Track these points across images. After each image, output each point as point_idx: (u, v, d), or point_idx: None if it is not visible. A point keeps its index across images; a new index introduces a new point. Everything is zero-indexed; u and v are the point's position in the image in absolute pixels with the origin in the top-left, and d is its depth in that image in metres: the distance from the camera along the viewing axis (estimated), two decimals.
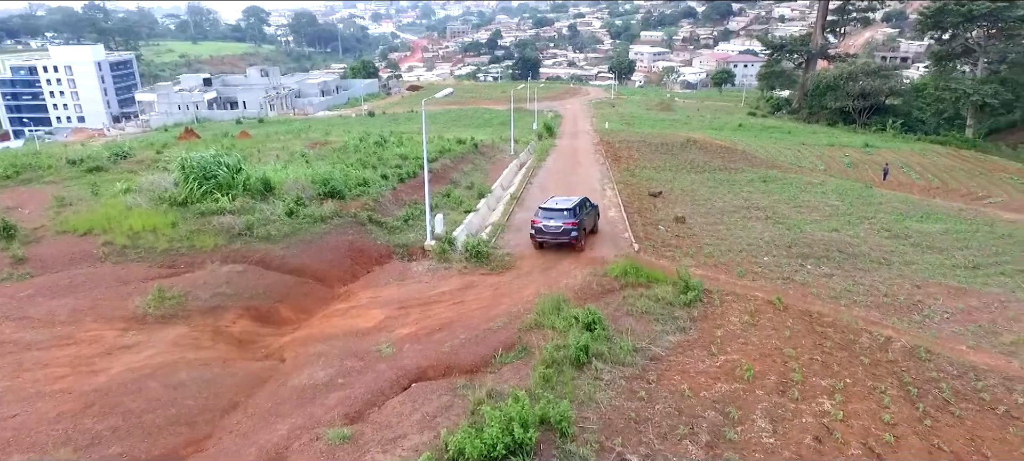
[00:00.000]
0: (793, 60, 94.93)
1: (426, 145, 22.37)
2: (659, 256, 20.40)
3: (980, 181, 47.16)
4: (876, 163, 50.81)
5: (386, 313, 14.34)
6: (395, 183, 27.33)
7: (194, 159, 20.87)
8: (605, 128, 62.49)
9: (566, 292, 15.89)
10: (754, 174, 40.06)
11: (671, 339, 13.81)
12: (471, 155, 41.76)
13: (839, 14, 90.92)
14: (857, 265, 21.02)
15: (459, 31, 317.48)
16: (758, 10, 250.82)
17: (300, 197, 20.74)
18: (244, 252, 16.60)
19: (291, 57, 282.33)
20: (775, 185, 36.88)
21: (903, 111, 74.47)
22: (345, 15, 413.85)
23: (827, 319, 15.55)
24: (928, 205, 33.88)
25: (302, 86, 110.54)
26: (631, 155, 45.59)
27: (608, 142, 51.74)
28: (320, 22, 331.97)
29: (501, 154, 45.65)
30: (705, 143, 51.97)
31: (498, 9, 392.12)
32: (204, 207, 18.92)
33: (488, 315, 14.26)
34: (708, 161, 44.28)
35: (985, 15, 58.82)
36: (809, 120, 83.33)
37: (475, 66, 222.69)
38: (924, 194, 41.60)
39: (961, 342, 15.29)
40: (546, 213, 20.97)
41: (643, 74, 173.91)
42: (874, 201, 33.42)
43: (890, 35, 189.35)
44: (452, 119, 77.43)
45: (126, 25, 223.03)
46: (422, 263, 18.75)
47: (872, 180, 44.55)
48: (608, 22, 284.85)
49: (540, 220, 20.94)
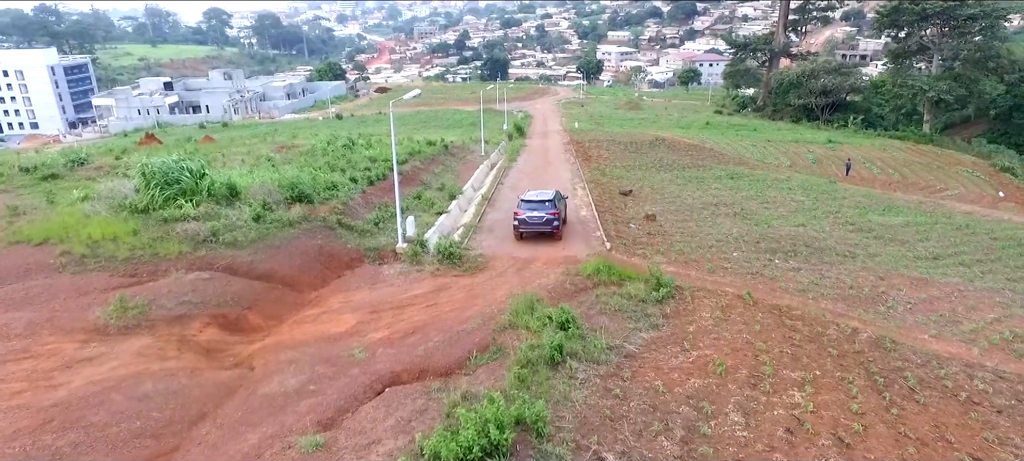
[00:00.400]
0: (757, 59, 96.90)
1: (395, 147, 22.13)
2: (631, 254, 20.54)
3: (937, 174, 48.75)
4: (839, 159, 52.11)
5: (358, 317, 14.09)
6: (364, 186, 26.99)
7: (156, 164, 20.24)
8: (575, 128, 62.84)
9: (540, 292, 15.87)
10: (722, 171, 40.70)
11: (644, 336, 13.90)
12: (441, 156, 41.54)
13: (800, 13, 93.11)
14: (823, 259, 21.48)
15: (427, 32, 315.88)
16: (722, 10, 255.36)
17: (267, 202, 20.29)
18: (210, 259, 16.10)
19: (255, 60, 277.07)
20: (743, 181, 37.52)
21: (863, 107, 76.58)
22: (310, 17, 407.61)
23: (796, 313, 15.84)
24: (889, 199, 34.86)
25: (267, 89, 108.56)
26: (601, 154, 45.91)
27: (578, 141, 52.00)
28: (284, 24, 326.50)
29: (472, 155, 45.53)
30: (673, 141, 52.63)
31: (466, 10, 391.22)
32: (167, 214, 18.32)
33: (461, 317, 14.15)
34: (677, 159, 44.83)
35: (938, 13, 60.86)
36: (774, 117, 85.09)
37: (444, 67, 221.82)
38: (885, 188, 42.84)
39: (924, 331, 15.73)
40: (529, 205, 22.15)
41: (611, 74, 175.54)
42: (838, 196, 34.24)
43: (849, 33, 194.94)
44: (422, 121, 77.01)
45: (80, 28, 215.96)
46: (394, 266, 18.51)
47: (835, 175, 45.68)
48: (575, 22, 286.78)
49: (523, 212, 22.00)
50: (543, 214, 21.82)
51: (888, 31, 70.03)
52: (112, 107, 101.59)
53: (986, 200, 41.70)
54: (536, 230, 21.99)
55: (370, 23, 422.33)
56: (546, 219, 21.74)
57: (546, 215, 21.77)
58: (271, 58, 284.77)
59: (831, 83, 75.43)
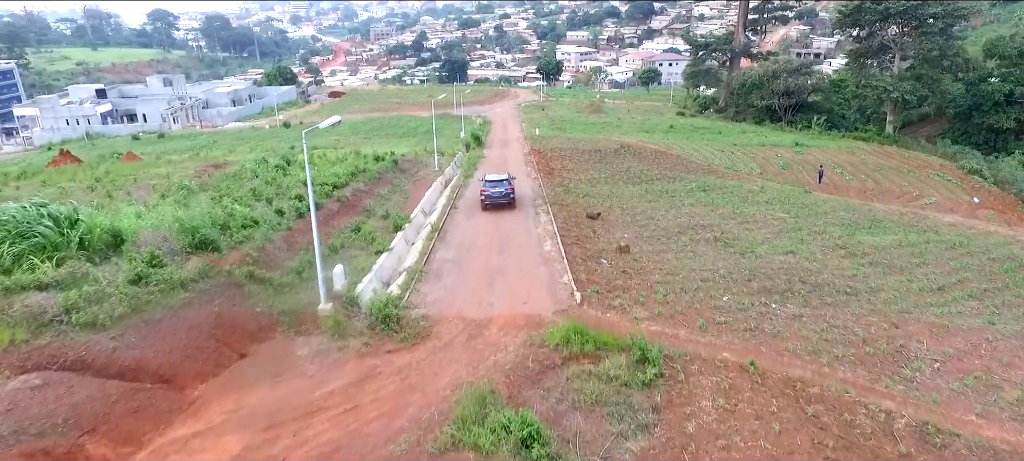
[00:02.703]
0: (717, 59, 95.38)
1: (311, 190, 18.17)
2: (606, 305, 17.20)
3: (910, 179, 47.13)
4: (809, 164, 50.16)
5: (245, 440, 10.20)
6: (292, 221, 22.92)
7: (7, 212, 15.98)
8: (536, 134, 59.53)
9: (495, 376, 12.38)
10: (693, 182, 37.94)
11: (632, 446, 10.54)
12: (390, 174, 37.54)
13: (759, 13, 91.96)
14: (824, 298, 18.59)
15: (383, 33, 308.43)
16: (679, 9, 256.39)
17: (156, 254, 16.18)
18: (53, 350, 11.79)
19: (204, 63, 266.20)
20: (716, 194, 34.79)
21: (825, 108, 75.37)
22: (262, 18, 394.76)
23: (813, 390, 12.74)
24: (871, 212, 32.55)
25: (210, 96, 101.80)
26: (564, 166, 42.70)
27: (539, 151, 48.74)
28: (235, 26, 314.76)
29: (425, 169, 41.65)
30: (639, 148, 49.85)
31: (423, 10, 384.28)
32: (11, 281, 14.06)
33: (389, 430, 10.53)
34: (645, 169, 41.95)
35: (901, 13, 59.71)
36: (736, 119, 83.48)
37: (401, 69, 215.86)
38: (862, 197, 40.81)
39: (966, 408, 12.83)
40: (491, 184, 29.85)
41: (571, 74, 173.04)
42: (819, 210, 31.76)
43: (803, 32, 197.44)
44: (374, 129, 72.60)
45: (10, 30, 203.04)
46: (311, 341, 14.59)
47: (809, 183, 43.50)
48: (534, 23, 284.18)
49: (487, 189, 29.71)
50: (502, 190, 29.65)
51: (848, 30, 68.78)
52: (37, 117, 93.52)
53: (964, 208, 40.04)
54: (498, 202, 29.58)
55: (325, 24, 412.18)
56: (504, 193, 29.62)
57: (504, 190, 29.69)
58: (221, 61, 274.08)
59: (793, 84, 74.03)
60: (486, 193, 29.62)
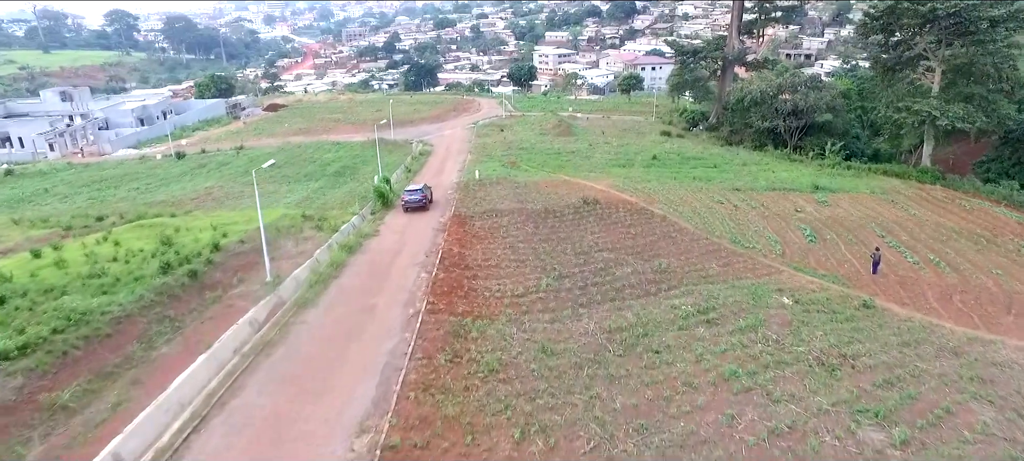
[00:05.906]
0: (707, 67, 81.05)
1: None
2: None
3: (990, 253, 32.95)
4: (843, 225, 35.98)
5: None
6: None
7: None
8: (476, 178, 44.86)
9: None
10: (689, 303, 23.45)
11: None
12: (164, 305, 21.83)
13: (758, 13, 77.56)
14: None
15: (356, 34, 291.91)
16: (662, 8, 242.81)
17: None
18: None
19: (165, 66, 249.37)
20: (723, 332, 20.43)
21: (838, 129, 61.36)
22: (233, 18, 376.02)
23: None
24: (990, 354, 18.23)
25: (111, 114, 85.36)
26: (487, 255, 28.11)
27: (464, 218, 34.12)
28: (199, 26, 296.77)
29: (252, 277, 25.64)
30: (609, 206, 35.47)
31: (401, 10, 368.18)
32: None
33: None
34: (613, 261, 27.47)
35: (951, 15, 45.62)
36: (731, 140, 69.38)
37: (370, 73, 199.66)
38: (942, 300, 26.49)
39: None
40: (409, 193, 36.02)
41: (549, 78, 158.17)
42: (915, 371, 17.43)
43: (792, 31, 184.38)
44: (285, 161, 57.42)
45: None
46: None
47: (859, 276, 29.03)
48: (512, 23, 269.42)
49: (406, 197, 35.93)
50: (418, 197, 35.87)
51: (876, 37, 54.60)
52: None
53: None
54: (416, 206, 35.67)
55: (300, 25, 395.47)
56: (420, 199, 35.83)
57: (419, 197, 35.88)
58: (184, 64, 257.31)
59: (803, 101, 59.88)
60: (406, 200, 36.38)
